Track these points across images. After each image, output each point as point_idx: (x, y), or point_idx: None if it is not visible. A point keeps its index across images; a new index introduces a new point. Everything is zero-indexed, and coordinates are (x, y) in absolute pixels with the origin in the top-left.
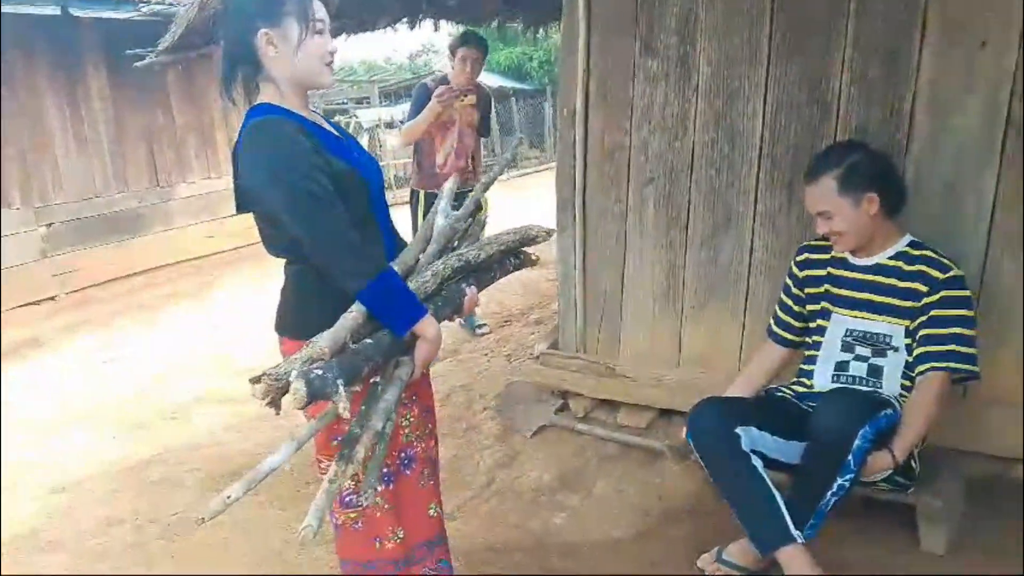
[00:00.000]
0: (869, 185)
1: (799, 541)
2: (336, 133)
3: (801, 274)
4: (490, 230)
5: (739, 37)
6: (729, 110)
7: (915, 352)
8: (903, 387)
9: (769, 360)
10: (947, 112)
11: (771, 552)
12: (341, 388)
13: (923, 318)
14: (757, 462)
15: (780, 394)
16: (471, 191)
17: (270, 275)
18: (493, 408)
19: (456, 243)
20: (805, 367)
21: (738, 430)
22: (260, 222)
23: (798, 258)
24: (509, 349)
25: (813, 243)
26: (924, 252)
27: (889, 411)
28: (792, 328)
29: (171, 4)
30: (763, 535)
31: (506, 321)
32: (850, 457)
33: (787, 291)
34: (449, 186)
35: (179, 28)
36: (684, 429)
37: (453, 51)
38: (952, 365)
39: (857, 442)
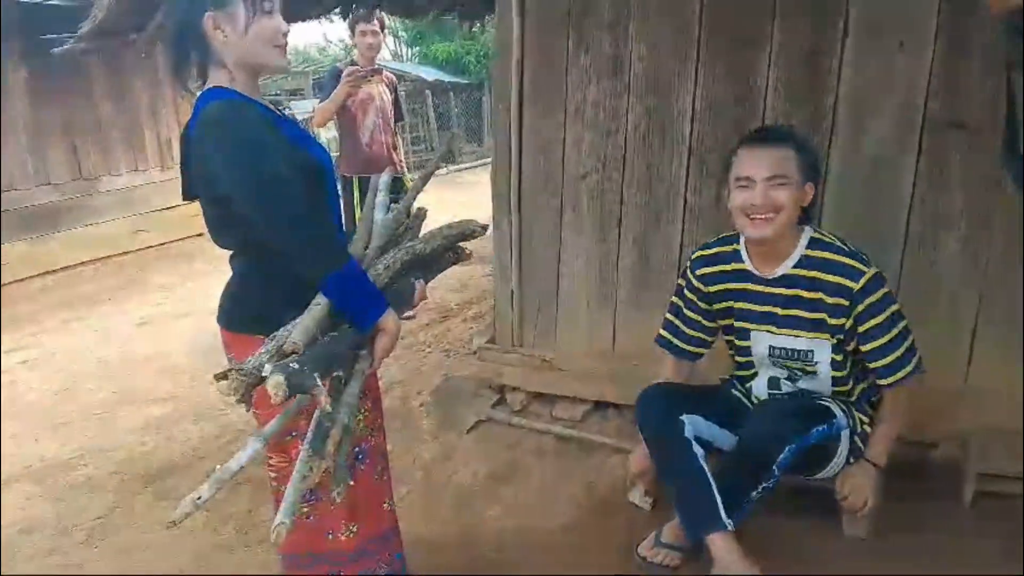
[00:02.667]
0: (812, 175)
1: (729, 528)
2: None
3: (707, 288)
4: (429, 224)
5: (669, 36)
6: (659, 107)
7: (871, 365)
8: (834, 394)
9: (683, 377)
10: (867, 110)
11: (701, 536)
12: (319, 381)
13: (860, 330)
14: (698, 450)
15: (734, 391)
16: (399, 176)
17: (199, 271)
18: (429, 403)
19: (400, 237)
20: (743, 372)
21: (683, 417)
22: (211, 209)
23: (697, 272)
24: (446, 344)
25: (704, 253)
26: (826, 255)
27: (822, 427)
28: (704, 343)
29: None
30: (695, 520)
31: (444, 316)
32: (775, 467)
33: (692, 307)
34: (384, 179)
35: (100, 13)
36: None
37: (353, 28)
38: (908, 370)
39: (782, 455)
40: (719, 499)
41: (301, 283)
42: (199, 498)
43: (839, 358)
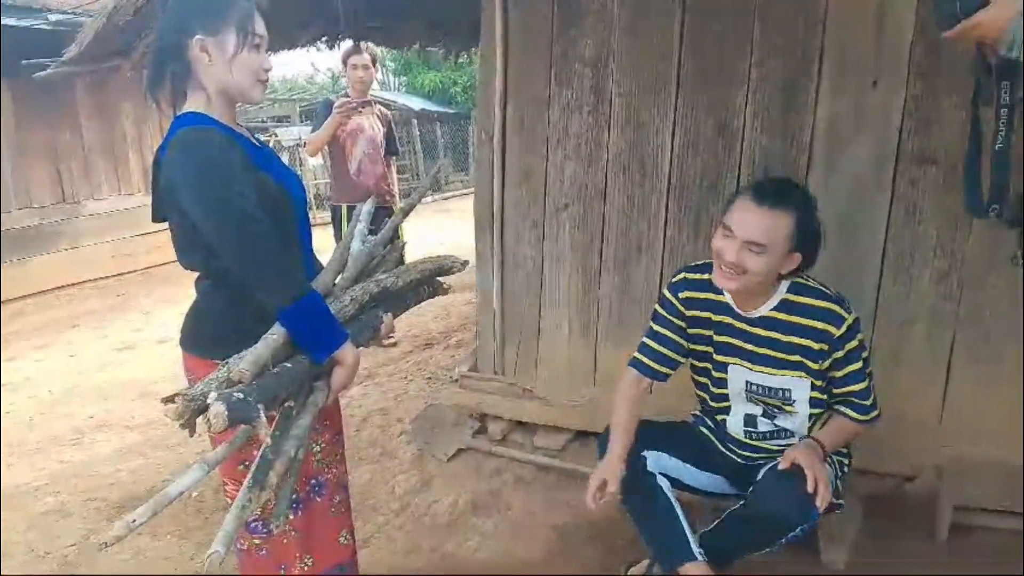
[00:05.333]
0: (803, 245)
1: (700, 559)
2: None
3: (688, 313)
4: (415, 252)
5: (649, 70)
6: (640, 140)
7: (842, 408)
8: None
9: (641, 400)
10: (842, 145)
11: (674, 569)
12: (262, 413)
13: (838, 375)
14: (663, 482)
15: (701, 428)
16: (387, 208)
17: (181, 295)
18: (409, 431)
19: (373, 268)
20: (716, 404)
21: (644, 453)
22: (177, 233)
23: (681, 295)
24: (429, 372)
25: (689, 277)
26: (808, 300)
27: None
28: (674, 363)
29: (80, 14)
30: (666, 553)
31: (427, 344)
32: (782, 541)
33: (670, 326)
34: (367, 208)
35: (86, 38)
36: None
37: (345, 61)
38: (875, 415)
39: (793, 533)
40: (688, 529)
41: (263, 308)
42: (134, 521)
43: (818, 396)
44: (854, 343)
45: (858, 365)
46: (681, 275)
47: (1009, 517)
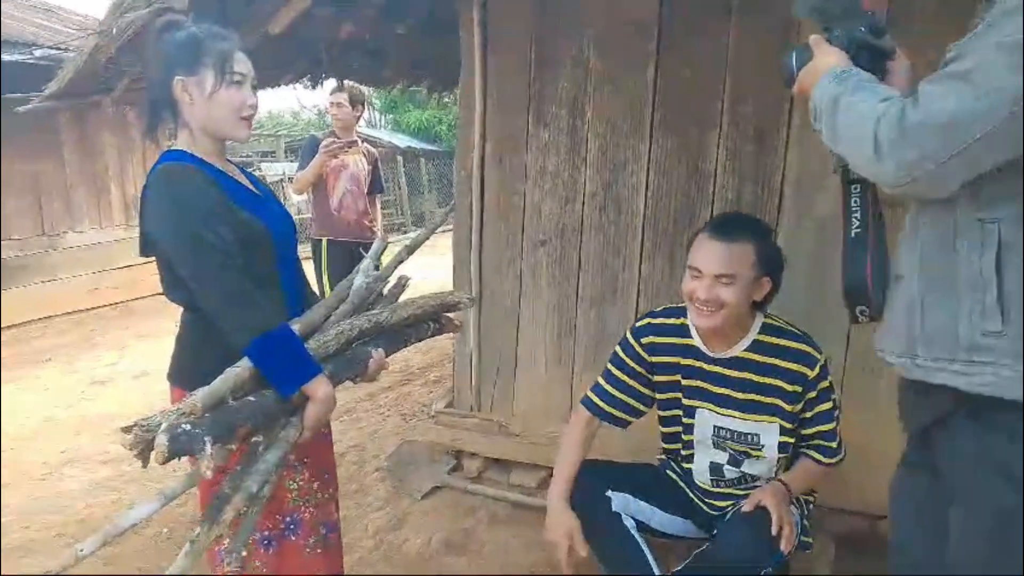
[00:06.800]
0: (770, 269)
1: None
2: (250, 185)
3: (651, 359)
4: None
5: (624, 113)
6: (615, 180)
7: (809, 450)
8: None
9: (589, 444)
10: (812, 189)
11: None
12: (208, 446)
13: (808, 415)
14: (628, 522)
15: (669, 472)
16: (369, 243)
17: (160, 330)
18: (385, 468)
19: (371, 304)
20: (684, 452)
21: (609, 493)
22: (161, 267)
23: (643, 340)
24: (406, 408)
25: (654, 322)
26: (781, 341)
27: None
28: (632, 410)
29: (65, 50)
30: None
31: (406, 379)
32: None
33: (627, 370)
34: (375, 247)
35: (68, 73)
36: None
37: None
38: (842, 456)
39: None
40: (656, 570)
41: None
42: (81, 550)
43: (787, 440)
44: (826, 383)
45: (828, 405)
46: (646, 320)
47: None
